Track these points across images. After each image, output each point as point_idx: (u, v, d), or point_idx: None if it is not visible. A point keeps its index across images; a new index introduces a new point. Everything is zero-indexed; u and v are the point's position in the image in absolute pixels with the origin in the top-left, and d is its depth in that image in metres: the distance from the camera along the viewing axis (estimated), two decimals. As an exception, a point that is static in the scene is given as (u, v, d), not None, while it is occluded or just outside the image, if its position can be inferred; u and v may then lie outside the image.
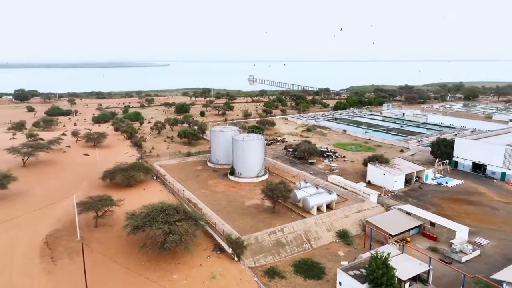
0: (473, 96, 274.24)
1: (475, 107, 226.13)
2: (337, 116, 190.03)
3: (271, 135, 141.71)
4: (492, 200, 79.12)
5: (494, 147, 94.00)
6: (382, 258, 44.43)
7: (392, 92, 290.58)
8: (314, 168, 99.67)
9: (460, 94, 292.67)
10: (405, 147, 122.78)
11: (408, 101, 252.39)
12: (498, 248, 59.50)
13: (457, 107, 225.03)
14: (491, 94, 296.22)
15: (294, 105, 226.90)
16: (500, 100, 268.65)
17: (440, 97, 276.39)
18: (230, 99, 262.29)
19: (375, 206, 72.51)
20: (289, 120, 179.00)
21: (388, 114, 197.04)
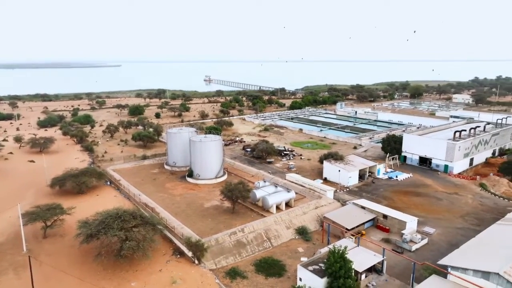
0: (418, 94, 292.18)
1: (420, 104, 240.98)
2: (293, 115, 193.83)
3: (229, 135, 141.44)
4: (437, 191, 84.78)
5: (437, 142, 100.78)
6: (339, 252, 45.96)
7: (345, 91, 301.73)
8: (273, 167, 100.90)
9: (406, 92, 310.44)
10: (358, 144, 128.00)
11: (359, 100, 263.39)
12: (443, 235, 63.85)
13: (404, 105, 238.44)
14: (434, 92, 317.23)
15: (251, 105, 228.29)
16: (441, 98, 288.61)
17: (389, 95, 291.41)
18: (186, 100, 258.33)
19: (331, 202, 74.86)
20: (246, 120, 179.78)
21: (341, 112, 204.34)
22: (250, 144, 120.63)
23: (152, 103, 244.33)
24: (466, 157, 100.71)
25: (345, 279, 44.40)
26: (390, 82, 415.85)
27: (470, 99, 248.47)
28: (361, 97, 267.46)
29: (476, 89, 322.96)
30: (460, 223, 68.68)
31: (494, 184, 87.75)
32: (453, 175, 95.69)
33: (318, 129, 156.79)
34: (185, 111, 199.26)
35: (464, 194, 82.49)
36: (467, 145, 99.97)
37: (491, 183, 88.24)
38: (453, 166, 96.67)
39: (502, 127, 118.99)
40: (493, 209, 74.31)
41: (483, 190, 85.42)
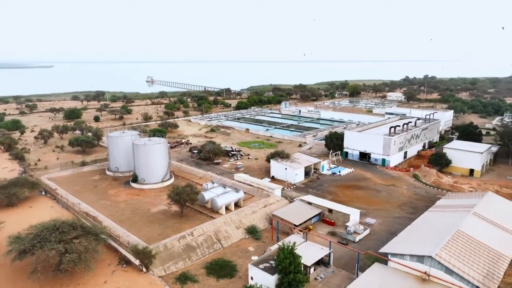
0: (356, 93, 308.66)
1: (359, 102, 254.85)
2: (239, 116, 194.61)
3: (174, 137, 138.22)
4: (376, 183, 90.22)
5: (375, 137, 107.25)
6: (288, 248, 47.00)
7: (289, 91, 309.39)
8: (220, 168, 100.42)
9: (346, 91, 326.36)
10: (303, 142, 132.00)
11: (303, 99, 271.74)
12: (383, 225, 68.13)
13: (344, 103, 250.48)
14: (370, 90, 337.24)
15: (196, 106, 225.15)
16: (377, 96, 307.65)
17: (330, 94, 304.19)
18: (127, 102, 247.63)
19: (279, 199, 76.33)
20: (192, 122, 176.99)
21: (286, 111, 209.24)
22: (196, 146, 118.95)
23: (90, 106, 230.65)
24: (401, 150, 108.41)
25: (295, 274, 45.53)
26: (330, 82, 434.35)
27: (402, 97, 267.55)
28: (304, 96, 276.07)
29: (407, 87, 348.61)
30: (397, 212, 73.74)
31: (425, 174, 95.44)
32: (390, 168, 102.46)
33: (264, 128, 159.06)
34: (126, 113, 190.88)
35: (400, 185, 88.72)
36: (401, 139, 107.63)
37: (423, 174, 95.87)
38: (390, 159, 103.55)
39: (430, 122, 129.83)
40: (425, 198, 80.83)
41: (416, 180, 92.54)
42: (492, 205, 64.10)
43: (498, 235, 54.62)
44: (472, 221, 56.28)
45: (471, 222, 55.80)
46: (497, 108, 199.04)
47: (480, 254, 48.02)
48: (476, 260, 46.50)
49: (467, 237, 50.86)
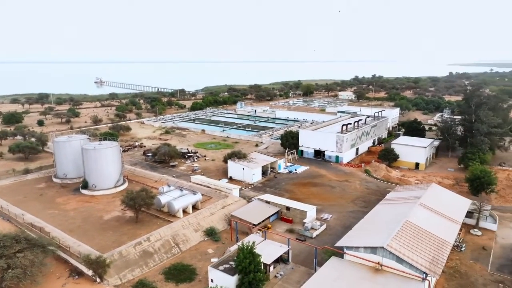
0: (309, 93, 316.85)
1: (312, 101, 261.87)
2: (194, 117, 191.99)
3: (127, 140, 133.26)
4: (331, 180, 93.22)
5: (328, 135, 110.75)
6: (248, 248, 47.10)
7: (244, 91, 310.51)
8: (177, 171, 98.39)
9: (299, 91, 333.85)
10: (259, 142, 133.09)
11: (258, 99, 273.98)
12: (338, 220, 70.54)
13: (298, 102, 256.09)
14: (323, 90, 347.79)
15: (149, 107, 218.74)
16: (329, 95, 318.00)
17: (284, 94, 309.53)
18: (74, 104, 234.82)
19: (238, 199, 76.30)
20: (145, 124, 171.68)
21: (242, 112, 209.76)
22: (151, 149, 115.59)
23: (32, 109, 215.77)
24: (353, 147, 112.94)
25: (255, 273, 45.74)
26: (284, 82, 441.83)
27: (353, 96, 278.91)
28: (259, 96, 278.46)
29: (357, 86, 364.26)
30: (351, 207, 76.70)
31: (376, 169, 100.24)
32: (343, 164, 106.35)
33: (221, 129, 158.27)
34: (74, 116, 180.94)
35: (353, 181, 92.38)
36: (353, 136, 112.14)
37: (373, 169, 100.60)
38: (343, 156, 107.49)
39: (379, 119, 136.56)
40: (376, 192, 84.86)
41: (367, 175, 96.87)
42: (435, 196, 68.71)
43: (441, 223, 58.67)
44: (418, 211, 59.93)
45: (417, 212, 59.40)
46: (437, 105, 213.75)
47: (426, 242, 51.28)
48: (423, 248, 49.57)
49: (414, 227, 54.08)
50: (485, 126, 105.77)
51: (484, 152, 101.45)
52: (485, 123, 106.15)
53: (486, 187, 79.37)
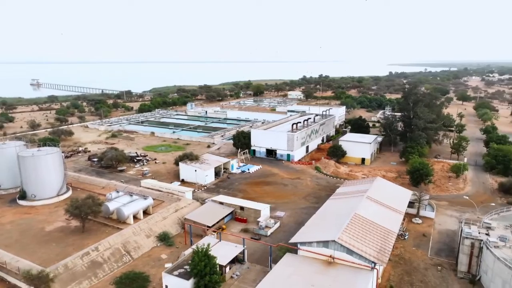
0: (260, 92, 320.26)
1: (262, 101, 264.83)
2: (143, 119, 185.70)
3: (69, 146, 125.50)
4: (283, 178, 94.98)
5: (279, 134, 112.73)
6: (203, 250, 46.48)
7: (194, 92, 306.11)
8: (125, 176, 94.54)
9: (250, 91, 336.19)
10: (211, 143, 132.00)
11: (208, 100, 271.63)
12: (292, 217, 72.07)
13: (249, 103, 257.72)
14: (273, 90, 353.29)
15: (94, 110, 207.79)
16: (279, 94, 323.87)
17: (235, 94, 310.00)
18: (8, 108, 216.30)
19: (191, 202, 75.02)
20: (90, 127, 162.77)
21: (192, 113, 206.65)
22: (96, 153, 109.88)
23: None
24: (303, 145, 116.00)
25: (211, 275, 45.27)
26: (235, 82, 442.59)
27: (301, 95, 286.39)
28: (209, 97, 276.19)
29: (305, 86, 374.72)
30: (303, 203, 78.72)
31: (325, 166, 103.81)
32: (294, 162, 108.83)
33: (171, 131, 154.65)
34: (7, 122, 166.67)
35: (304, 178, 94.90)
36: (303, 135, 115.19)
37: (323, 166, 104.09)
38: (294, 154, 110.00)
39: (326, 117, 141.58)
40: (327, 187, 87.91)
41: (318, 172, 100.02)
42: (380, 189, 72.72)
43: (386, 214, 62.22)
44: (366, 204, 63.03)
45: (365, 205, 62.44)
46: (379, 103, 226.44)
47: (374, 233, 54.08)
48: (371, 239, 52.22)
49: (362, 219, 56.79)
50: (422, 121, 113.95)
51: (422, 146, 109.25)
52: (422, 118, 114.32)
53: (424, 178, 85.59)
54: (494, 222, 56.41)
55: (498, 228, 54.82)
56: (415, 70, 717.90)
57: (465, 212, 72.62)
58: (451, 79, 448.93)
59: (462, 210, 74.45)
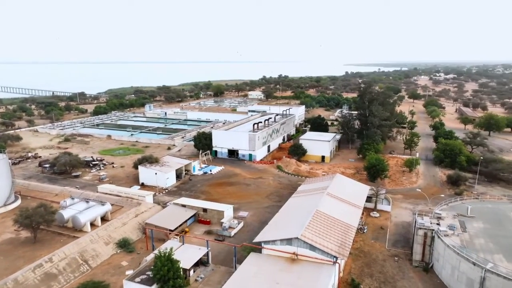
0: (220, 93, 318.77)
1: (223, 102, 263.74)
2: (98, 122, 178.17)
3: (17, 152, 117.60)
4: (246, 178, 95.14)
5: (241, 134, 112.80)
6: (165, 255, 45.41)
7: (152, 93, 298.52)
8: (81, 181, 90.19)
9: (210, 91, 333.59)
10: (172, 144, 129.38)
11: (168, 101, 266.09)
12: (255, 216, 72.36)
13: (209, 103, 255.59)
14: (233, 90, 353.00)
15: (44, 113, 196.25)
16: (239, 95, 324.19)
17: (195, 95, 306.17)
18: None
19: (152, 206, 73.06)
20: (40, 132, 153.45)
21: (151, 114, 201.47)
22: (48, 159, 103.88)
23: None
24: (265, 145, 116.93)
25: (174, 280, 44.37)
26: (194, 82, 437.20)
27: (262, 95, 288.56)
28: (169, 98, 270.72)
29: (265, 86, 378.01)
30: (266, 202, 79.32)
31: (287, 164, 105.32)
32: (256, 162, 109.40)
33: (129, 133, 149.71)
34: None
35: (267, 177, 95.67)
36: (264, 134, 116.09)
37: (285, 164, 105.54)
38: (256, 154, 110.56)
39: (287, 117, 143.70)
40: (289, 186, 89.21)
41: (279, 171, 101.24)
42: (340, 185, 75.00)
43: (346, 210, 64.28)
44: (326, 200, 64.72)
45: (326, 201, 64.10)
46: (337, 102, 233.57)
47: (335, 228, 55.65)
48: (332, 234, 53.68)
49: (324, 215, 58.24)
50: (377, 119, 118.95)
51: (378, 143, 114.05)
52: (376, 116, 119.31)
53: (380, 174, 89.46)
54: (444, 212, 60.17)
55: (448, 218, 58.49)
56: (370, 70, 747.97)
57: (418, 204, 76.72)
58: (403, 79, 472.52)
59: (415, 202, 78.58)
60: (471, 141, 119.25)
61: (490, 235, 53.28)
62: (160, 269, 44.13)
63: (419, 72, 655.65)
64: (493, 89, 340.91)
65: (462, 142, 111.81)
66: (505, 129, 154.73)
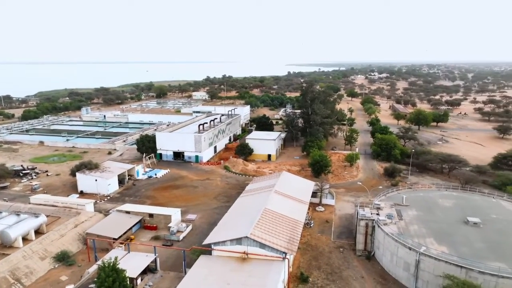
0: (163, 94, 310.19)
1: (167, 103, 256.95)
2: (28, 127, 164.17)
3: None
4: (193, 180, 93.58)
5: (186, 136, 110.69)
6: (110, 265, 43.08)
7: (89, 95, 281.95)
8: (10, 193, 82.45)
9: (152, 92, 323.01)
10: (113, 149, 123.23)
11: (106, 103, 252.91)
12: (204, 218, 71.45)
13: (152, 105, 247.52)
14: (176, 91, 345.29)
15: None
16: (183, 96, 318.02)
17: (136, 96, 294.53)
18: None
19: (93, 215, 68.92)
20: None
21: (88, 118, 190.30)
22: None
23: None
24: (211, 146, 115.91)
25: (121, 290, 42.25)
26: (135, 84, 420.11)
27: (206, 96, 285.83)
28: (108, 100, 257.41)
29: (209, 86, 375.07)
30: (215, 204, 78.70)
31: (234, 165, 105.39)
32: (203, 163, 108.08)
33: (64, 139, 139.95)
34: None
35: (214, 178, 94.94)
36: (210, 135, 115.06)
37: (232, 164, 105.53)
38: (202, 155, 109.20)
39: (232, 117, 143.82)
40: (236, 185, 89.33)
41: (227, 171, 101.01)
42: (287, 182, 76.71)
43: (293, 206, 65.94)
44: (274, 198, 65.81)
45: (273, 199, 65.17)
46: (281, 101, 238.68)
47: (283, 225, 56.81)
48: (281, 231, 54.73)
49: (272, 213, 59.17)
50: (319, 117, 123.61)
51: (320, 140, 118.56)
52: (318, 114, 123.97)
53: (324, 169, 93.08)
54: (382, 203, 64.20)
55: (386, 208, 62.51)
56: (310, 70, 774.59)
57: (360, 197, 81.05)
58: (341, 78, 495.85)
59: (357, 195, 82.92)
60: (404, 136, 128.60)
61: (423, 221, 57.87)
62: (104, 280, 41.74)
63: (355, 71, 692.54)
64: (420, 87, 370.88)
65: (396, 137, 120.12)
66: (432, 124, 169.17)
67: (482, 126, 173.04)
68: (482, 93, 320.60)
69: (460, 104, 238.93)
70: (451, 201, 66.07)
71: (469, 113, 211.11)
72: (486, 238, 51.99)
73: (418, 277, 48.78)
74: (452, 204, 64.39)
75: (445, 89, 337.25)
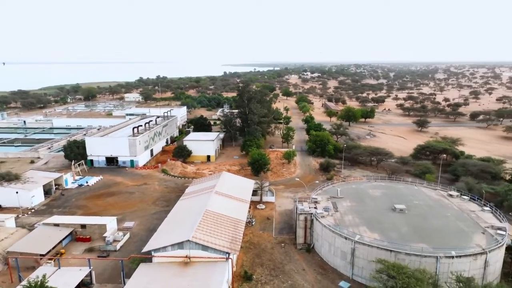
0: (91, 96, 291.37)
1: (96, 106, 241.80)
2: None
3: None
4: (128, 186, 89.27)
5: (119, 140, 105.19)
6: (37, 284, 39.41)
7: (4, 99, 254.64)
8: None
9: (79, 95, 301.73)
10: (36, 157, 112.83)
11: (26, 107, 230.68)
12: (142, 225, 68.53)
13: (79, 108, 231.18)
14: (107, 93, 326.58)
15: None
16: (114, 98, 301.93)
17: (61, 99, 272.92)
18: None
19: (14, 231, 62.39)
20: None
21: (5, 124, 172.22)
22: None
23: None
24: (147, 149, 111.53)
25: (52, 311, 38.85)
26: (59, 86, 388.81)
27: (140, 97, 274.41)
28: (27, 104, 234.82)
29: (143, 87, 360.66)
30: (153, 209, 75.89)
31: (172, 167, 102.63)
32: (139, 167, 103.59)
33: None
34: None
35: (151, 183, 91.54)
36: (146, 138, 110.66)
37: (170, 167, 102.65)
38: (138, 159, 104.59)
39: (169, 118, 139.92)
40: (176, 189, 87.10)
41: (165, 175, 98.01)
42: (227, 182, 76.66)
43: (234, 206, 66.09)
44: (215, 199, 65.35)
45: (214, 200, 64.69)
46: (218, 101, 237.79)
47: (225, 225, 56.65)
48: (223, 232, 54.50)
49: (213, 214, 58.69)
50: (256, 116, 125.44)
51: (258, 139, 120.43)
52: (255, 114, 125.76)
53: (263, 167, 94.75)
54: (319, 197, 67.12)
55: (323, 201, 65.44)
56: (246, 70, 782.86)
57: (298, 192, 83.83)
58: (276, 78, 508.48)
59: (295, 190, 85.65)
60: (336, 132, 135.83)
61: (356, 211, 61.63)
62: (31, 302, 38.06)
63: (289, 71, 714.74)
64: (349, 85, 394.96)
65: (329, 133, 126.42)
66: (361, 120, 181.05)
67: (403, 121, 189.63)
68: (402, 91, 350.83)
69: (384, 101, 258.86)
70: (380, 190, 71.28)
71: (392, 109, 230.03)
72: (410, 222, 56.95)
73: (354, 264, 51.84)
74: (381, 194, 69.51)
75: (371, 87, 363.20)
